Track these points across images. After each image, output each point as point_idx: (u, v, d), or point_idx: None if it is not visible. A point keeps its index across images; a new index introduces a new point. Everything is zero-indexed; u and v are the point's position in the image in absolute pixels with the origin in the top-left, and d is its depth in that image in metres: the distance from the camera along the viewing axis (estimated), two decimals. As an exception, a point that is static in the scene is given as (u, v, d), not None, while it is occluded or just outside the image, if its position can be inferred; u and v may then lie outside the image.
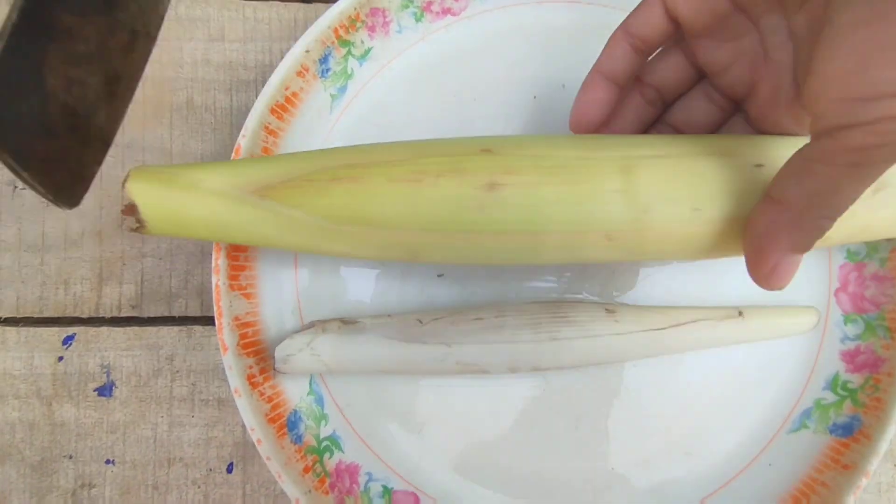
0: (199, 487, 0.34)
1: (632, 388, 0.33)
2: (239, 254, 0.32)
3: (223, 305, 0.31)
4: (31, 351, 0.35)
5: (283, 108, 0.33)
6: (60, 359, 0.35)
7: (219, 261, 0.31)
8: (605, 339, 0.31)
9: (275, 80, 0.32)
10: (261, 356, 0.32)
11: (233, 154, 0.31)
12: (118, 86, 0.21)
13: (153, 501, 0.34)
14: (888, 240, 0.32)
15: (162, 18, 0.22)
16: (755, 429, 0.33)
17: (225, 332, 0.30)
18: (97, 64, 0.20)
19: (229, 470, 0.34)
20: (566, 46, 0.35)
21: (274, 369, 0.31)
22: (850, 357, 0.32)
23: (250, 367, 0.31)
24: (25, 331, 0.35)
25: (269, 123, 0.33)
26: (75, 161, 0.21)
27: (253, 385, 0.31)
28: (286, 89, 0.33)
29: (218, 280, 0.31)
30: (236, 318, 0.31)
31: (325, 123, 0.35)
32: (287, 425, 0.31)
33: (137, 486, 0.34)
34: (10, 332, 0.35)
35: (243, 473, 0.34)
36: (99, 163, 0.22)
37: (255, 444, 0.30)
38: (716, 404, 0.33)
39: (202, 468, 0.34)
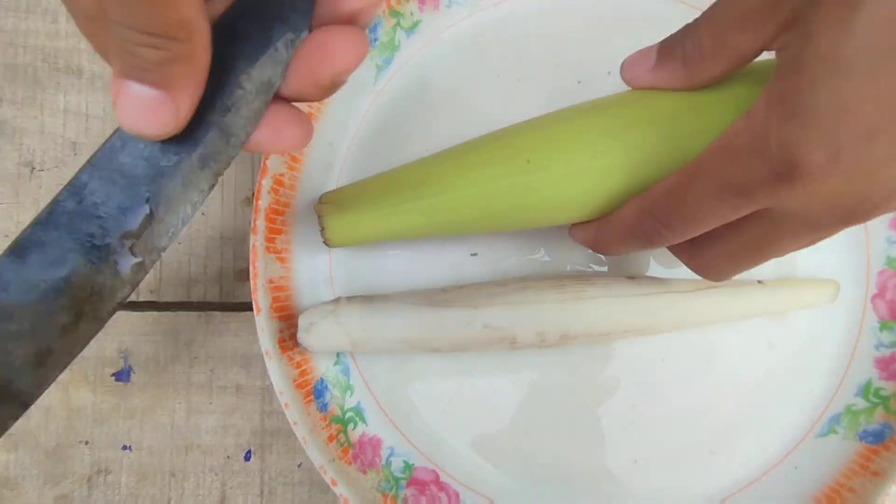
0: (216, 475, 0.34)
1: (660, 383, 0.33)
2: (276, 216, 0.32)
3: (259, 266, 0.30)
4: (48, 334, 0.34)
5: None
6: (78, 343, 0.34)
7: (257, 221, 0.30)
8: (630, 300, 0.31)
9: None
10: (291, 321, 0.32)
11: None
12: (49, 358, 0.20)
13: (170, 488, 0.34)
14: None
15: (116, 306, 0.20)
16: (783, 431, 0.32)
17: (259, 293, 0.30)
18: (28, 340, 0.19)
19: (247, 458, 0.34)
20: (613, 33, 0.34)
21: (297, 341, 0.31)
22: (884, 364, 0.32)
23: (281, 331, 0.31)
24: (42, 314, 0.34)
25: None
26: None
27: (283, 349, 0.31)
28: None
29: (255, 241, 0.30)
30: (270, 281, 0.31)
31: (368, 94, 0.34)
32: (314, 392, 0.32)
33: (154, 472, 0.34)
34: (27, 314, 0.34)
35: (261, 462, 0.34)
36: (14, 418, 0.20)
37: (283, 408, 0.30)
38: (744, 404, 0.33)
39: (220, 456, 0.34)
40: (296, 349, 0.32)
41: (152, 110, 0.19)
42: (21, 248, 0.19)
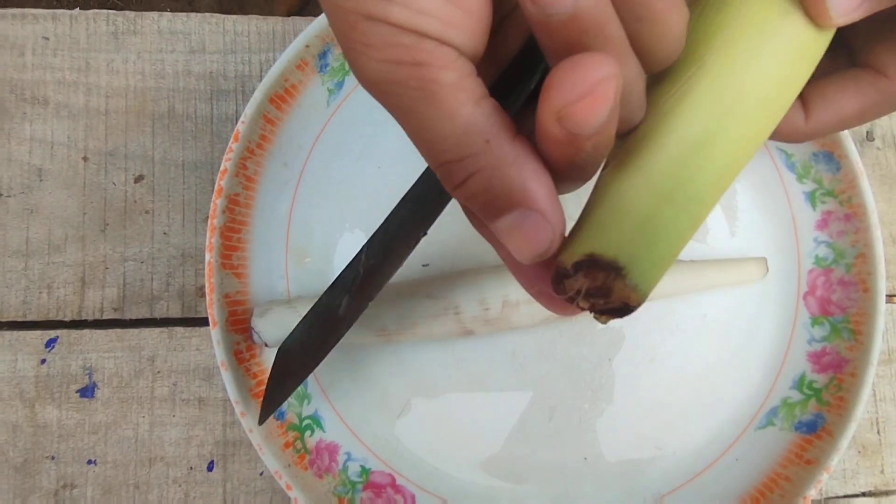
0: (179, 486, 0.35)
1: (606, 383, 0.34)
2: (232, 234, 0.33)
3: (214, 282, 0.32)
4: (15, 354, 0.35)
5: (281, 98, 0.34)
6: (43, 361, 0.35)
7: (213, 239, 0.32)
8: None
9: (275, 71, 0.33)
10: (248, 334, 0.33)
11: (231, 139, 0.32)
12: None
13: (134, 501, 0.35)
14: (853, 245, 0.33)
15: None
16: (724, 426, 0.34)
17: (215, 307, 0.32)
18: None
19: (210, 468, 0.35)
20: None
21: (251, 329, 0.32)
22: (816, 358, 0.33)
23: (237, 344, 0.32)
24: (9, 334, 0.36)
25: (269, 112, 0.34)
26: None
27: (239, 361, 0.32)
28: (285, 81, 0.34)
29: (211, 258, 0.32)
30: (226, 296, 0.33)
31: (321, 116, 0.36)
32: (270, 402, 0.33)
33: (119, 485, 0.35)
34: (-6, 335, 0.36)
35: (224, 472, 0.35)
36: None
37: (239, 417, 0.31)
38: (687, 402, 0.34)
39: (183, 467, 0.35)
40: (253, 360, 0.33)
41: (524, 232, 0.17)
42: None
